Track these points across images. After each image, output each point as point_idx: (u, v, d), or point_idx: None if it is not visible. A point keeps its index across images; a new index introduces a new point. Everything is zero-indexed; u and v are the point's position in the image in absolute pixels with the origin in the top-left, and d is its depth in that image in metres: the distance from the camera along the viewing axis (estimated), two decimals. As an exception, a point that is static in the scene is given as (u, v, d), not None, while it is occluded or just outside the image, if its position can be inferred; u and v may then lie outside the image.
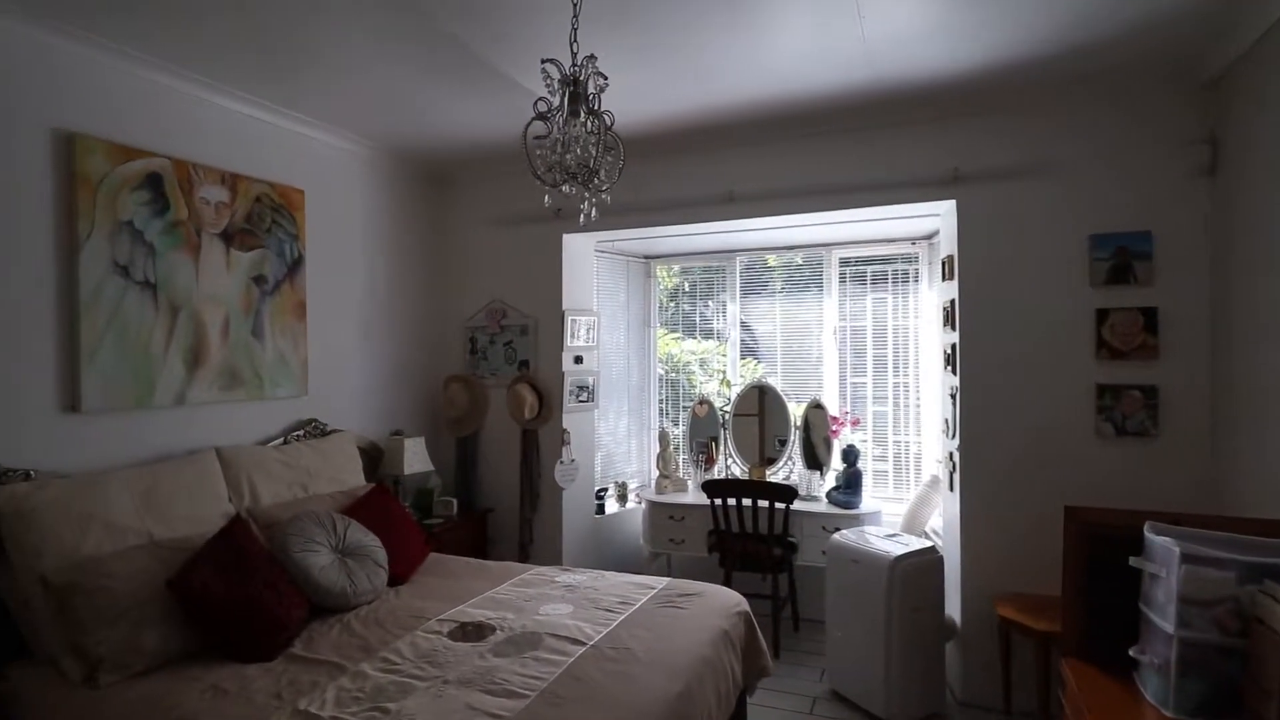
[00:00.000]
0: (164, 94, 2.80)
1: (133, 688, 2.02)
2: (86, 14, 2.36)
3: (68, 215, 2.49)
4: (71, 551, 2.22)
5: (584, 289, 4.28)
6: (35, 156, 2.42)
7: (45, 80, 2.44)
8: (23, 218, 2.39)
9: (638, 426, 4.92)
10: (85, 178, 2.52)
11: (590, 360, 4.29)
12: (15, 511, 2.19)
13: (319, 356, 3.50)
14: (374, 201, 3.90)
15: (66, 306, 2.49)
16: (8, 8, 2.28)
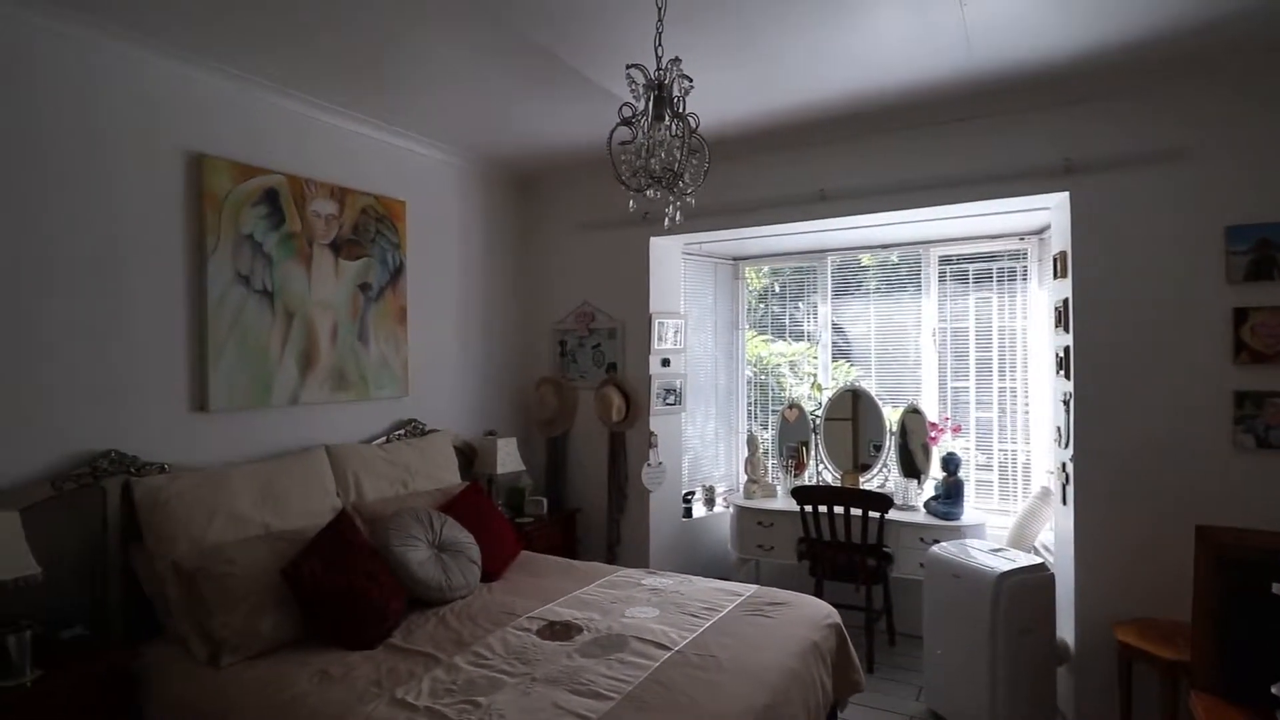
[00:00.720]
0: (279, 114, 3.00)
1: (250, 669, 2.18)
2: (213, 45, 2.57)
3: (198, 229, 2.71)
4: (199, 539, 2.42)
5: (671, 292, 4.28)
6: (171, 177, 2.65)
7: (178, 106, 2.66)
8: (160, 232, 2.62)
9: (725, 430, 4.87)
10: (212, 195, 2.74)
11: (678, 363, 4.28)
12: (152, 502, 2.41)
13: (418, 359, 3.66)
14: (468, 209, 4.05)
15: (196, 314, 2.72)
16: (148, 42, 2.51)
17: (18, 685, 1.93)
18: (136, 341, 2.55)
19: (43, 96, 2.30)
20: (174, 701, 2.14)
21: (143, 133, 2.56)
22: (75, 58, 2.37)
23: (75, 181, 2.39)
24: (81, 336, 2.40)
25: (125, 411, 2.51)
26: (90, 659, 2.12)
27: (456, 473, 3.61)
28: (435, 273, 3.80)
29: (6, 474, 2.22)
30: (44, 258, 2.31)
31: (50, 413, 2.32)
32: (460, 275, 3.99)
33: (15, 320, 2.25)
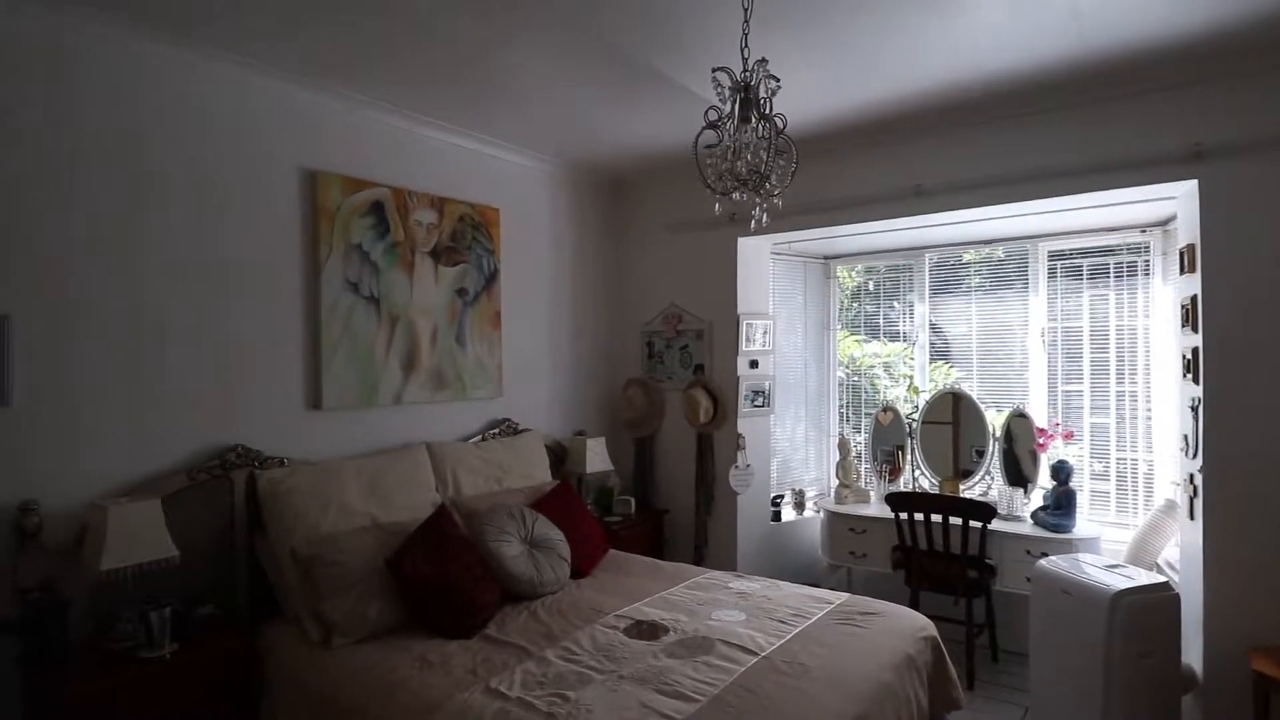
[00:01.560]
0: (382, 130, 3.18)
1: (358, 651, 2.32)
2: (322, 68, 2.76)
3: (312, 241, 2.91)
4: (314, 529, 2.60)
5: (759, 292, 4.23)
6: (288, 192, 2.86)
7: (294, 127, 2.87)
8: (281, 244, 2.83)
9: (816, 433, 4.77)
10: (325, 208, 2.93)
11: (766, 364, 4.23)
12: (273, 493, 2.61)
13: (512, 361, 3.79)
14: (559, 214, 4.15)
15: (311, 319, 2.92)
16: (266, 70, 2.72)
17: (158, 657, 2.14)
18: (260, 345, 2.77)
19: (184, 123, 2.54)
20: (291, 677, 2.31)
21: (264, 152, 2.78)
22: (210, 85, 2.60)
23: (206, 198, 2.62)
24: (212, 340, 2.63)
25: (249, 409, 2.73)
26: (220, 635, 2.33)
27: (548, 471, 3.71)
28: (527, 277, 3.92)
29: (149, 466, 2.46)
30: (181, 269, 2.55)
31: (185, 410, 2.56)
32: (551, 279, 4.10)
33: (154, 326, 2.49)
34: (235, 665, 2.30)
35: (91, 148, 2.33)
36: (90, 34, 2.31)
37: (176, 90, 2.53)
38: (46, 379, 2.24)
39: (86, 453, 2.32)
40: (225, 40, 2.52)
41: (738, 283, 4.04)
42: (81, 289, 2.31)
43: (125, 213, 2.41)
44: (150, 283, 2.47)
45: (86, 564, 2.14)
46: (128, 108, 2.41)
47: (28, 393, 2.20)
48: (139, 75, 2.43)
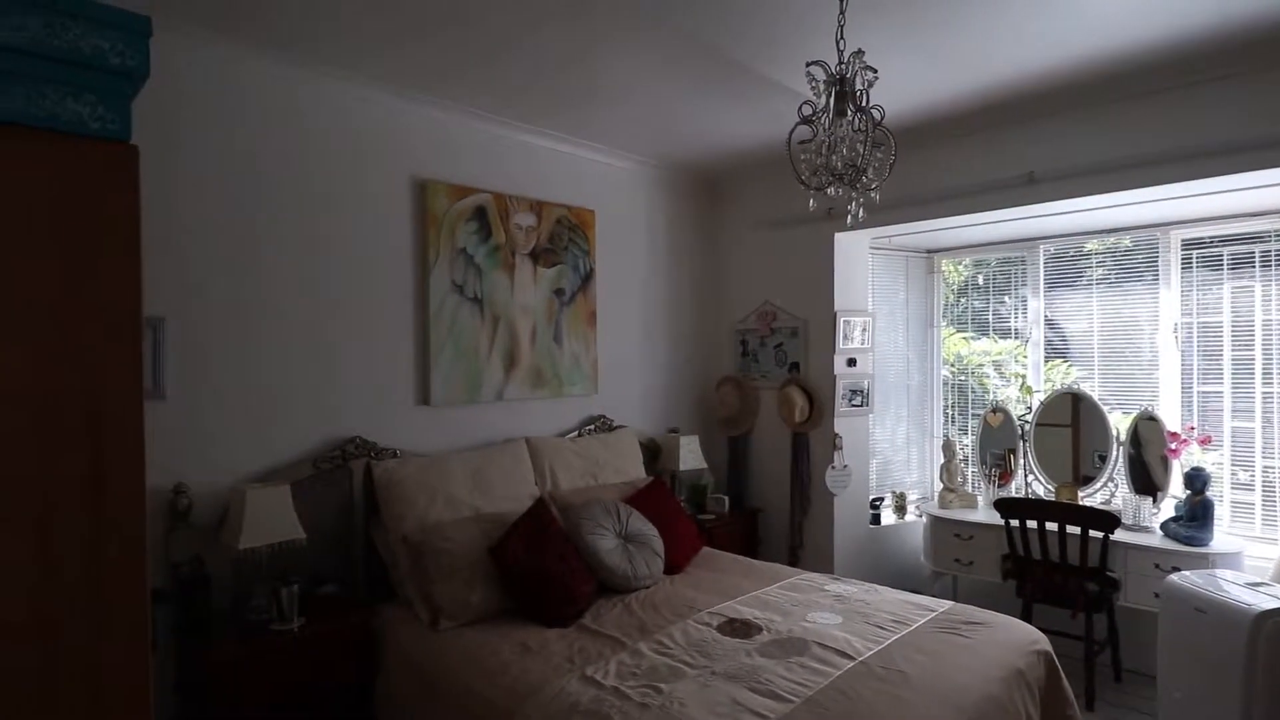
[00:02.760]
0: (485, 138, 3.32)
1: (462, 634, 2.45)
2: (429, 82, 2.91)
3: (422, 245, 3.09)
4: (423, 517, 2.76)
5: (858, 288, 4.12)
6: (401, 201, 3.04)
7: (404, 138, 3.05)
8: (393, 250, 3.02)
9: (918, 434, 4.59)
10: (433, 214, 3.10)
11: (865, 363, 4.11)
12: (388, 482, 2.79)
13: (606, 359, 3.87)
14: (653, 214, 4.19)
15: (421, 320, 3.09)
16: (379, 86, 2.90)
17: (288, 630, 2.33)
18: (376, 344, 2.96)
19: (305, 139, 2.76)
20: (403, 655, 2.46)
21: (379, 164, 2.97)
22: (325, 101, 2.81)
23: (328, 210, 2.82)
24: (334, 340, 2.84)
25: (366, 404, 2.93)
26: (341, 613, 2.51)
27: (641, 468, 3.76)
28: (622, 276, 3.99)
29: (280, 455, 2.69)
30: (308, 275, 2.76)
31: (310, 404, 2.77)
32: (645, 278, 4.15)
33: (283, 327, 2.71)
34: (354, 641, 2.48)
35: (229, 164, 2.57)
36: (231, 59, 2.55)
37: (305, 109, 2.74)
38: (193, 376, 2.49)
39: (227, 442, 2.56)
40: (343, 61, 2.71)
41: (834, 279, 3.95)
42: (222, 294, 2.55)
43: (257, 223, 2.64)
44: (279, 288, 2.69)
45: (227, 542, 2.36)
46: (258, 126, 2.64)
47: (178, 388, 2.45)
48: (271, 96, 2.66)
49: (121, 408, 1.05)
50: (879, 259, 4.37)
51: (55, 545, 0.99)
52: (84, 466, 1.02)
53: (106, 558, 1.03)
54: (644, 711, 1.93)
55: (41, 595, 0.98)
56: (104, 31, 1.02)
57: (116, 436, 1.04)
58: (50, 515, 0.99)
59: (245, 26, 2.44)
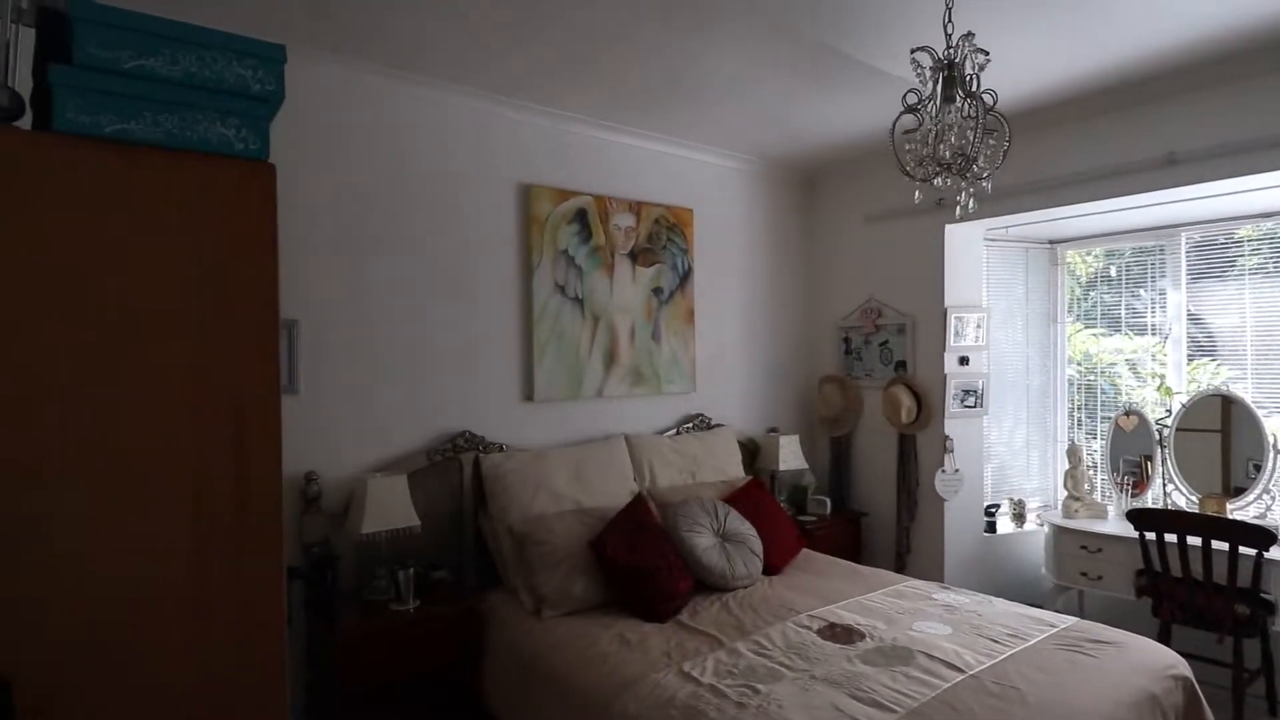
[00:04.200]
0: (586, 141, 3.41)
1: (564, 624, 2.53)
2: (532, 90, 3.02)
3: (526, 248, 3.20)
4: (527, 509, 2.87)
5: (971, 283, 3.91)
6: (506, 206, 3.17)
7: (509, 145, 3.17)
8: (500, 253, 3.15)
9: (1039, 437, 4.29)
10: (536, 218, 3.21)
11: (978, 361, 3.89)
12: (494, 475, 2.91)
13: (705, 357, 3.87)
14: (751, 211, 4.15)
15: (526, 320, 3.21)
16: (485, 94, 3.04)
17: (405, 610, 2.49)
18: (484, 343, 3.10)
19: (413, 148, 2.93)
20: (507, 640, 2.57)
21: (488, 171, 3.11)
22: (434, 113, 2.97)
23: (441, 215, 2.98)
24: (444, 339, 2.99)
25: (475, 399, 3.08)
26: (453, 597, 2.66)
27: (740, 467, 3.74)
28: (720, 274, 3.97)
29: (397, 447, 2.87)
30: (422, 278, 2.93)
31: (427, 400, 2.94)
32: (744, 275, 4.11)
33: (398, 328, 2.89)
34: (463, 624, 2.61)
35: (343, 175, 2.77)
36: (341, 75, 2.75)
37: (411, 120, 2.92)
38: (321, 373, 2.70)
39: (351, 434, 2.76)
40: (446, 71, 2.85)
41: (944, 274, 3.77)
42: (345, 298, 2.76)
43: (373, 230, 2.83)
44: (395, 291, 2.87)
45: (350, 527, 2.55)
46: (369, 138, 2.82)
47: (308, 384, 2.67)
48: (380, 110, 2.85)
49: (261, 401, 1.16)
50: (995, 251, 4.13)
51: (207, 521, 1.11)
52: (230, 453, 1.13)
53: (248, 536, 1.14)
54: (741, 711, 1.92)
55: (197, 565, 1.10)
56: (245, 61, 1.14)
57: (257, 427, 1.16)
58: (202, 493, 1.11)
59: (356, 45, 2.62)
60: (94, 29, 1.03)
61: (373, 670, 2.38)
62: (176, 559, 1.09)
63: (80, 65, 1.02)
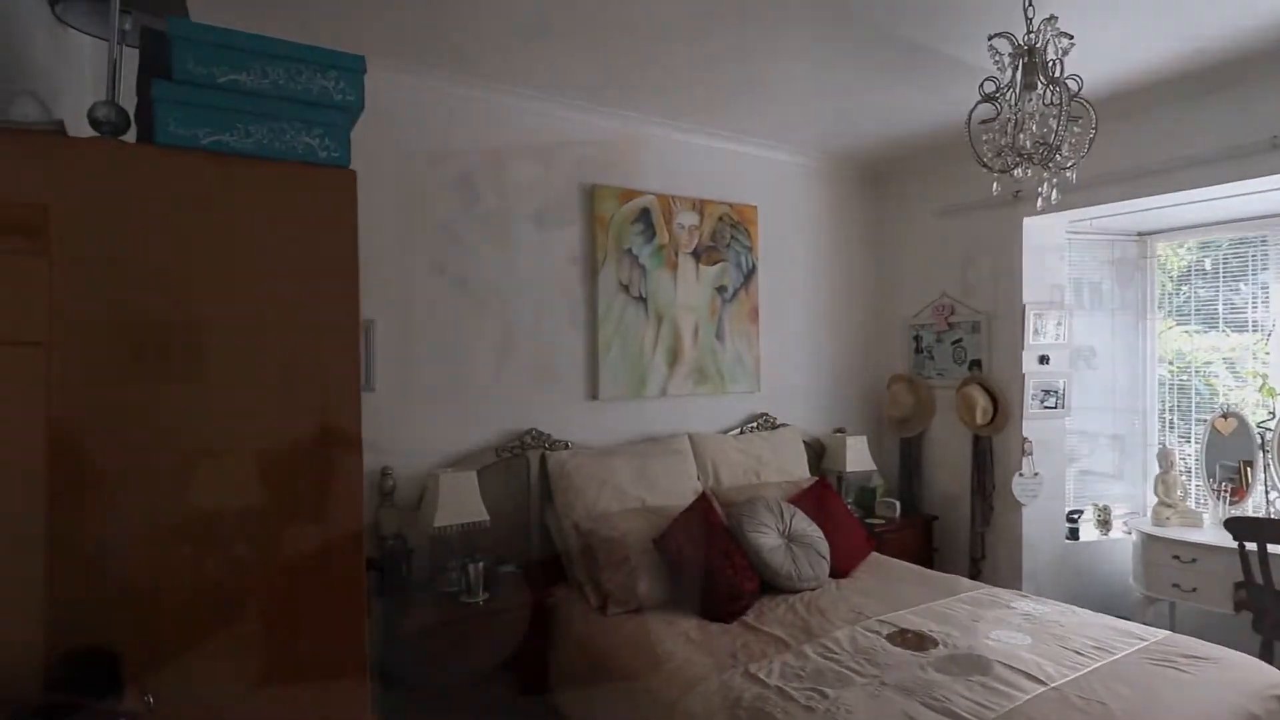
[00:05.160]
0: (650, 142, 3.42)
1: (629, 620, 2.54)
2: (599, 92, 3.04)
3: (591, 247, 3.24)
4: (592, 506, 2.90)
5: (1051, 277, 3.73)
6: (572, 206, 3.21)
7: (574, 145, 3.21)
8: (565, 252, 3.19)
9: (1127, 440, 4.07)
10: (601, 217, 3.24)
11: (1059, 360, 3.72)
12: (560, 472, 2.96)
13: (769, 356, 3.82)
14: (816, 207, 4.08)
15: (590, 319, 3.25)
16: (547, 96, 3.08)
17: (475, 602, 2.55)
18: (550, 341, 3.15)
19: (482, 152, 3.00)
20: (574, 635, 2.61)
21: (552, 171, 3.15)
22: (498, 116, 3.03)
23: (509, 217, 3.05)
24: (513, 338, 3.05)
25: (542, 398, 3.13)
26: (521, 590, 2.70)
27: (805, 468, 3.68)
28: (785, 272, 3.92)
29: (467, 443, 2.94)
30: (493, 279, 3.00)
31: (496, 398, 3.01)
32: (809, 272, 4.04)
33: (468, 327, 2.96)
34: (531, 617, 2.65)
35: (426, 181, 2.85)
36: (415, 82, 2.83)
37: (481, 124, 2.98)
38: (396, 372, 2.79)
39: (424, 431, 2.85)
40: (511, 77, 2.91)
41: (1023, 268, 3.61)
42: (420, 299, 2.84)
43: (444, 235, 2.91)
44: (465, 293, 2.95)
45: (424, 520, 2.63)
46: (439, 143, 2.90)
47: (384, 382, 2.76)
48: (450, 115, 2.92)
49: (343, 398, 1.21)
50: (1079, 244, 3.93)
51: (295, 511, 1.17)
52: (315, 448, 1.19)
53: (332, 527, 1.19)
54: (809, 715, 1.89)
55: (287, 553, 1.16)
56: (328, 73, 1.18)
57: (339, 423, 1.20)
58: (291, 486, 1.17)
59: (426, 53, 2.70)
60: (192, 46, 1.09)
61: (445, 658, 2.44)
62: (270, 548, 1.15)
63: (179, 80, 1.08)
